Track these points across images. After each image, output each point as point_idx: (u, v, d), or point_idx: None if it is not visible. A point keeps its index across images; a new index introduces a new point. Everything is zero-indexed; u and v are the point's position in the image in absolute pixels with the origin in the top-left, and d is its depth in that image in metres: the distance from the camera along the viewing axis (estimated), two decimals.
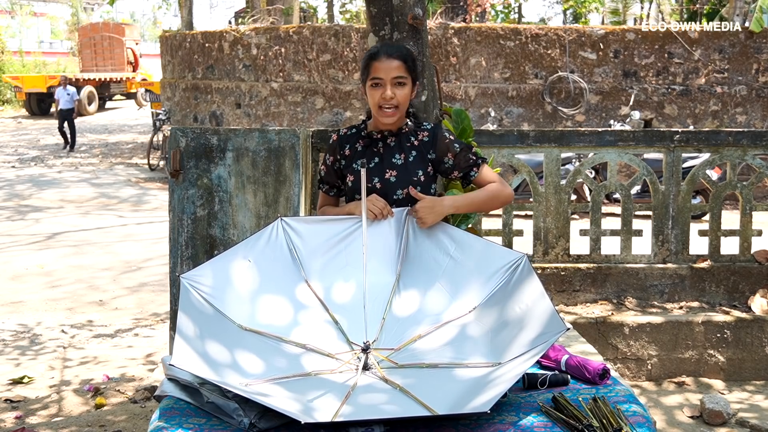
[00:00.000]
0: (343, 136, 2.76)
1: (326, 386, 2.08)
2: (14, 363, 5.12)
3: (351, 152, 2.73)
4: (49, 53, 35.53)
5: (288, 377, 2.11)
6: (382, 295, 2.41)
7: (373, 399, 2.04)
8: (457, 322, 2.34)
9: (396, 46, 2.71)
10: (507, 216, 5.53)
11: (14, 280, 7.24)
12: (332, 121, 12.10)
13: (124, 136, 20.01)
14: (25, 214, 10.47)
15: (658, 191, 5.56)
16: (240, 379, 2.05)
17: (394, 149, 2.69)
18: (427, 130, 2.72)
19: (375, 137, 2.71)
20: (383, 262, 2.50)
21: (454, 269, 2.47)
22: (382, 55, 2.59)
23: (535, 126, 11.64)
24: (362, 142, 2.72)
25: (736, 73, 11.73)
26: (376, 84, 2.59)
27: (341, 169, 2.75)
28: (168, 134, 7.44)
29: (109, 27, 28.54)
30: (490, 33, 11.77)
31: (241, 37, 12.98)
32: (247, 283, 2.38)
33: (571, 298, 5.52)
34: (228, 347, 2.16)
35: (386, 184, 2.65)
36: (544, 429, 1.94)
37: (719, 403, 4.50)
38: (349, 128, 2.80)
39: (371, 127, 2.74)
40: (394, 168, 2.66)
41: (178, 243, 4.35)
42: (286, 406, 1.93)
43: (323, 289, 2.44)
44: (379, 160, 2.68)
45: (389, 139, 2.71)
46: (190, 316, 2.18)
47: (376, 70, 2.58)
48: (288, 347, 2.25)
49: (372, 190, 2.63)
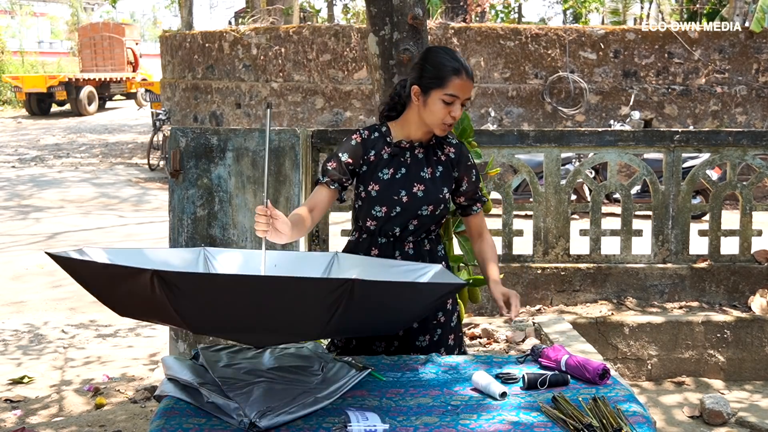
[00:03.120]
0: (368, 140, 2.57)
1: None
2: (15, 363, 5.13)
3: (376, 159, 2.55)
4: (49, 53, 35.53)
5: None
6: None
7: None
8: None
9: (470, 67, 2.56)
10: (507, 216, 5.54)
11: (15, 280, 7.25)
12: (332, 121, 12.10)
13: (124, 136, 20.02)
14: (26, 214, 10.47)
15: (658, 191, 5.57)
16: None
17: (422, 162, 2.56)
18: (452, 146, 2.62)
19: (403, 146, 2.57)
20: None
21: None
22: (464, 74, 2.47)
23: (535, 126, 11.64)
24: (388, 150, 2.56)
25: (736, 73, 11.73)
26: (450, 101, 2.46)
27: (360, 173, 2.56)
28: (168, 134, 7.45)
29: (109, 27, 28.52)
30: (490, 33, 11.78)
31: (241, 37, 12.98)
32: None
33: (571, 298, 5.53)
34: None
35: (413, 199, 2.52)
36: (544, 429, 1.95)
37: (719, 402, 4.51)
38: (371, 130, 2.61)
39: (399, 134, 2.58)
40: (422, 182, 2.54)
41: (178, 243, 4.35)
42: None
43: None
44: (405, 171, 2.54)
45: (417, 150, 2.57)
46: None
47: (456, 88, 2.45)
48: None
49: (398, 203, 2.52)
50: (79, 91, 24.42)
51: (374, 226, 2.56)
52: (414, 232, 2.58)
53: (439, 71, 2.47)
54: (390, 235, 2.57)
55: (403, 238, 2.58)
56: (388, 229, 2.56)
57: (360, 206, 2.59)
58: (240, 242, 4.46)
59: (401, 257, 2.57)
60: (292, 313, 1.90)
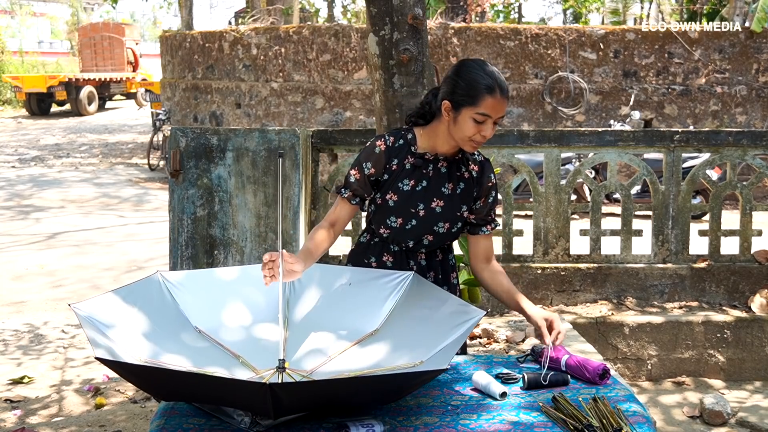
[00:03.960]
0: (392, 148, 2.48)
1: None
2: (15, 363, 5.13)
3: (398, 168, 2.47)
4: (48, 53, 35.52)
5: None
6: (276, 333, 2.24)
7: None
8: (363, 342, 2.25)
9: (506, 83, 2.41)
10: (507, 216, 5.54)
11: (16, 280, 7.25)
12: (332, 121, 12.10)
13: (124, 136, 20.01)
14: (27, 214, 10.47)
15: (658, 191, 5.57)
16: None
17: (444, 177, 2.48)
18: (477, 163, 2.54)
19: (428, 158, 2.48)
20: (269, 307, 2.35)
21: (345, 301, 2.38)
22: (499, 92, 2.34)
23: (535, 126, 11.65)
24: (411, 160, 2.48)
25: (736, 73, 11.73)
26: (482, 120, 2.34)
27: (381, 181, 2.49)
28: (168, 134, 7.45)
29: (109, 27, 28.51)
30: (490, 33, 11.78)
31: (241, 37, 12.98)
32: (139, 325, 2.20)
33: (571, 298, 5.53)
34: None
35: (430, 214, 2.47)
36: (544, 429, 1.95)
37: (719, 403, 4.51)
38: (395, 136, 2.51)
39: (425, 145, 2.49)
40: (441, 198, 2.47)
41: (178, 243, 4.35)
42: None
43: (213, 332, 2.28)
44: (427, 184, 2.47)
45: (441, 163, 2.49)
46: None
47: (488, 107, 2.33)
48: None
49: (414, 216, 2.47)
50: (79, 91, 24.41)
51: (387, 234, 2.52)
52: (428, 246, 2.54)
53: (471, 89, 2.35)
54: (403, 245, 2.53)
55: (416, 250, 2.54)
56: (401, 240, 2.52)
57: (375, 212, 2.53)
58: (240, 242, 4.47)
59: (415, 267, 2.53)
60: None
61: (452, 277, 2.66)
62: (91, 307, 2.08)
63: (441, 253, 2.61)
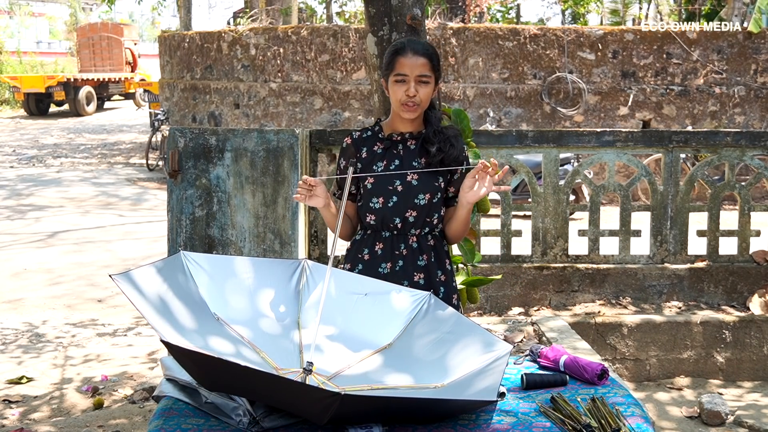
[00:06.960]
0: (357, 139, 2.66)
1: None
2: (15, 361, 5.13)
3: (369, 155, 2.63)
4: (47, 53, 35.50)
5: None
6: (291, 332, 2.26)
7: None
8: (380, 353, 2.24)
9: (422, 42, 2.60)
10: (505, 216, 5.54)
11: (15, 278, 7.24)
12: (331, 122, 12.11)
13: (122, 136, 20.00)
14: (26, 213, 10.47)
15: (657, 191, 5.57)
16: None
17: (415, 153, 2.61)
18: (446, 136, 2.62)
19: (395, 139, 2.63)
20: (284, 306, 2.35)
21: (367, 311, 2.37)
22: (409, 51, 2.51)
23: (533, 126, 11.65)
24: (381, 145, 2.64)
25: (735, 73, 11.74)
26: (401, 80, 2.51)
27: (358, 172, 2.61)
28: (166, 134, 7.45)
29: (107, 27, 28.48)
30: (489, 33, 11.78)
31: (240, 37, 12.98)
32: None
33: (570, 298, 5.53)
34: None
35: (408, 187, 2.58)
36: (543, 429, 1.95)
37: (717, 403, 4.51)
38: (363, 130, 2.70)
39: (389, 129, 2.66)
40: (416, 172, 2.58)
41: (176, 243, 4.35)
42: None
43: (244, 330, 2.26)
44: (399, 162, 2.60)
45: (409, 141, 2.63)
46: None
47: (401, 66, 2.51)
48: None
49: (393, 192, 2.58)
50: (77, 92, 24.37)
51: (374, 220, 2.62)
52: (414, 224, 2.60)
53: (387, 58, 2.58)
54: (392, 227, 2.61)
55: (405, 231, 2.61)
56: (388, 221, 2.60)
57: (360, 202, 2.65)
58: (238, 242, 4.47)
59: (406, 251, 2.60)
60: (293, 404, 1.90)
61: (447, 262, 2.71)
62: (132, 283, 2.05)
63: (433, 240, 2.66)
